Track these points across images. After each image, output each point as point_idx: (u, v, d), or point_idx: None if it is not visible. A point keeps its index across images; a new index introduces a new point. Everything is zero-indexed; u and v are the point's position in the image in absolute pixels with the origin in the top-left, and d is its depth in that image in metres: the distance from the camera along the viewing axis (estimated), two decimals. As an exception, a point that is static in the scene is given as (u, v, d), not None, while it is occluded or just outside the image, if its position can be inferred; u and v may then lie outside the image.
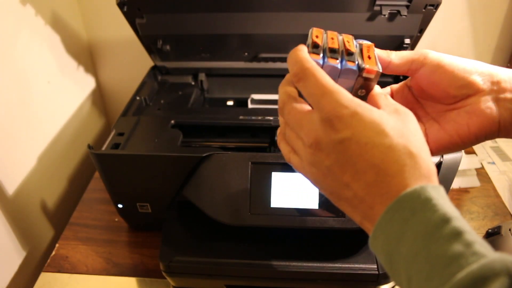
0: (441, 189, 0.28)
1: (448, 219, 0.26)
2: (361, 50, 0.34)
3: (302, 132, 0.31)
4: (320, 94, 0.30)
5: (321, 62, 0.32)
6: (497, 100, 0.34)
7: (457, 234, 0.25)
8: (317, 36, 0.34)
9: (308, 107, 0.32)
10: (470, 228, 0.26)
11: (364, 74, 0.33)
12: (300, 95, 0.33)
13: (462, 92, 0.35)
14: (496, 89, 0.34)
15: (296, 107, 0.32)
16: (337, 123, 0.29)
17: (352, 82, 0.33)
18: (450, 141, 0.36)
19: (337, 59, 0.33)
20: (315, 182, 0.33)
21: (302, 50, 0.33)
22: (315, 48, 0.33)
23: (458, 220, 0.26)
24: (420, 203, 0.27)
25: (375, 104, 0.33)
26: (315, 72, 0.31)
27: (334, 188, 0.31)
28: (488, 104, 0.34)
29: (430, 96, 0.37)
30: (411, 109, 0.34)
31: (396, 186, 0.28)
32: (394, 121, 0.30)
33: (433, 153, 0.36)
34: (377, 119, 0.29)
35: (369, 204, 0.29)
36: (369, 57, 0.33)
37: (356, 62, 0.33)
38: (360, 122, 0.29)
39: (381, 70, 0.33)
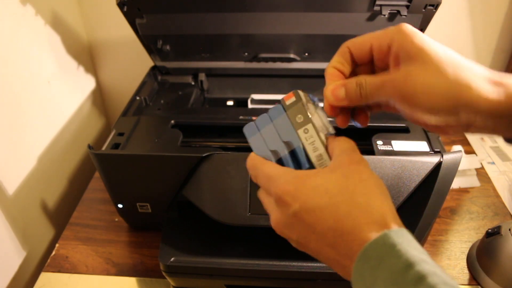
0: (404, 232, 0.29)
1: (412, 264, 0.26)
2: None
3: (270, 214, 0.35)
4: (267, 181, 0.34)
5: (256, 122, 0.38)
6: (468, 126, 0.32)
7: (420, 279, 0.26)
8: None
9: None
10: (436, 269, 0.27)
11: (285, 101, 0.37)
12: None
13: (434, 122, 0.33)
14: (470, 123, 0.31)
15: (263, 195, 0.37)
16: (286, 198, 0.32)
17: (286, 119, 0.37)
18: (411, 120, 0.36)
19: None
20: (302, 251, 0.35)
21: (251, 156, 0.37)
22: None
23: (422, 263, 0.27)
24: (385, 250, 0.28)
25: (330, 152, 0.35)
26: (260, 167, 0.35)
27: (314, 255, 0.33)
28: (457, 129, 0.33)
29: None
30: None
31: (354, 241, 0.29)
32: (336, 178, 0.31)
33: None
34: (318, 183, 0.31)
35: (341, 263, 0.31)
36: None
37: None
38: (303, 191, 0.31)
39: (301, 94, 0.37)
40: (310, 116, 0.36)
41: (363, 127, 0.38)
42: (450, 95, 0.30)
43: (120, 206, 0.62)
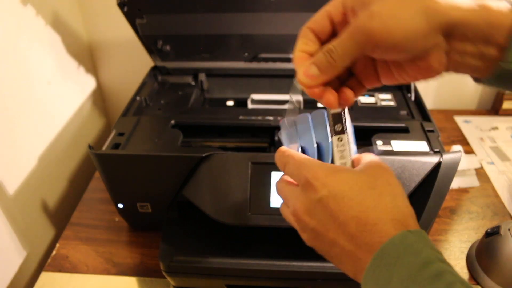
0: (422, 233, 0.30)
1: (429, 262, 0.27)
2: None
3: (289, 203, 0.36)
4: (298, 168, 0.35)
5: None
6: (448, 53, 0.31)
7: (438, 275, 0.26)
8: None
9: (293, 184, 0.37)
10: (452, 269, 0.28)
11: (331, 109, 0.37)
12: None
13: (413, 57, 0.32)
14: (448, 43, 0.31)
15: (283, 184, 0.38)
16: (315, 183, 0.33)
17: (326, 124, 0.39)
18: (392, 80, 0.35)
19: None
20: (311, 246, 0.35)
21: (280, 149, 0.38)
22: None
23: (439, 262, 0.28)
24: (403, 248, 0.28)
25: (357, 162, 0.36)
26: (292, 154, 0.36)
27: (324, 248, 0.34)
28: (438, 59, 0.32)
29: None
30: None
31: (377, 233, 0.30)
32: (366, 177, 0.33)
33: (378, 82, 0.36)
34: (349, 176, 0.33)
35: (356, 255, 0.31)
36: None
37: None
38: (334, 180, 0.32)
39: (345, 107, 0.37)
40: (347, 129, 0.37)
41: (350, 105, 0.40)
42: (419, 12, 0.29)
43: (120, 206, 0.62)
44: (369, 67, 0.36)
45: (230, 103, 0.80)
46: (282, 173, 0.38)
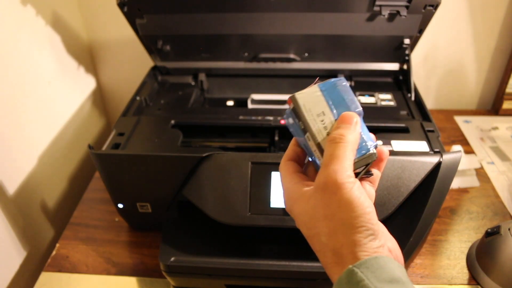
0: (373, 262, 0.30)
1: None
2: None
3: None
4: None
5: None
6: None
7: None
8: None
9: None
10: None
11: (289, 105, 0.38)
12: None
13: None
14: None
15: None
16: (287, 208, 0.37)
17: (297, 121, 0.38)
18: None
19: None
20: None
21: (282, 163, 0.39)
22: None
23: None
24: (353, 285, 0.29)
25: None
26: (280, 171, 0.38)
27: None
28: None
29: None
30: None
31: (329, 275, 0.33)
32: (310, 208, 0.34)
33: None
34: (300, 211, 0.35)
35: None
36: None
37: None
38: (294, 214, 0.36)
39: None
40: (309, 125, 0.36)
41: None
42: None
43: (120, 206, 0.62)
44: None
45: (230, 103, 0.80)
46: None
